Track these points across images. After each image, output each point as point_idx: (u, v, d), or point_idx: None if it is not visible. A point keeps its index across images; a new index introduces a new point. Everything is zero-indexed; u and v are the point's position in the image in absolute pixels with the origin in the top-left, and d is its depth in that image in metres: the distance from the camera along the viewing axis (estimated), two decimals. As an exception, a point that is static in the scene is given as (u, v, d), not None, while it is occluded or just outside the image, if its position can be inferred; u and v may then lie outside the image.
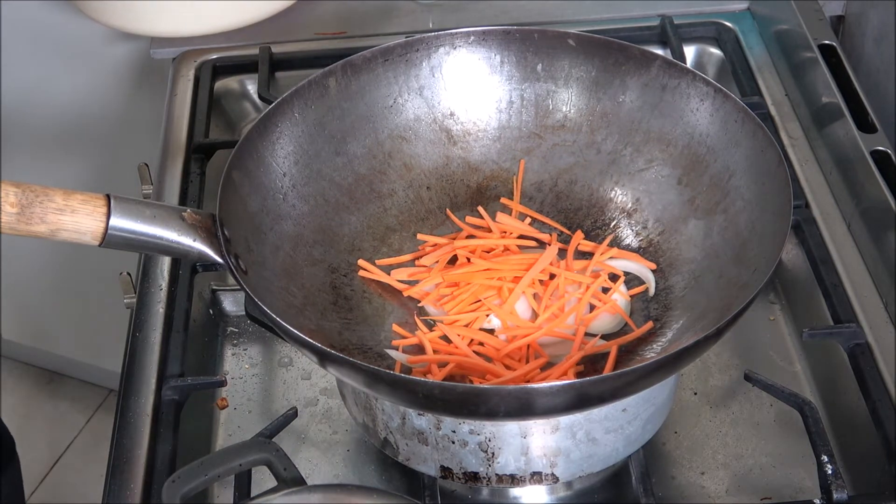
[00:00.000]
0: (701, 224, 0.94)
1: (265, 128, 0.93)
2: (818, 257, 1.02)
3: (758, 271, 0.84)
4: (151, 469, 0.90)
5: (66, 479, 2.14)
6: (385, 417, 0.86)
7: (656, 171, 0.98)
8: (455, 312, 0.91)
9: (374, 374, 0.76)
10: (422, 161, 1.01)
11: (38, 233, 0.78)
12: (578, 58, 1.00)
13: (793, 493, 0.90)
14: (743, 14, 1.32)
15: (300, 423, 0.95)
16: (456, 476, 0.86)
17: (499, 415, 0.77)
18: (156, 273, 1.05)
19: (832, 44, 1.20)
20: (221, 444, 0.96)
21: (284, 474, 0.78)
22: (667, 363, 0.76)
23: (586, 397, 0.77)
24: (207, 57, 1.29)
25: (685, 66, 0.97)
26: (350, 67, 0.98)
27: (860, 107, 1.13)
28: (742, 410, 0.96)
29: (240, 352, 1.03)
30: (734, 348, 1.00)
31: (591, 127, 1.00)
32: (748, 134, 0.91)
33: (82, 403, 2.25)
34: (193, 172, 1.15)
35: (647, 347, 0.89)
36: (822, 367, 0.98)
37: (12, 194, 0.77)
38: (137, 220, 0.80)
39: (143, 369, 0.97)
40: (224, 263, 0.83)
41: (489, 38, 1.01)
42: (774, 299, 1.05)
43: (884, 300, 0.99)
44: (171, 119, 1.23)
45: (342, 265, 0.95)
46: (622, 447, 0.87)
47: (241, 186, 0.90)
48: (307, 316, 0.89)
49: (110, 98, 1.70)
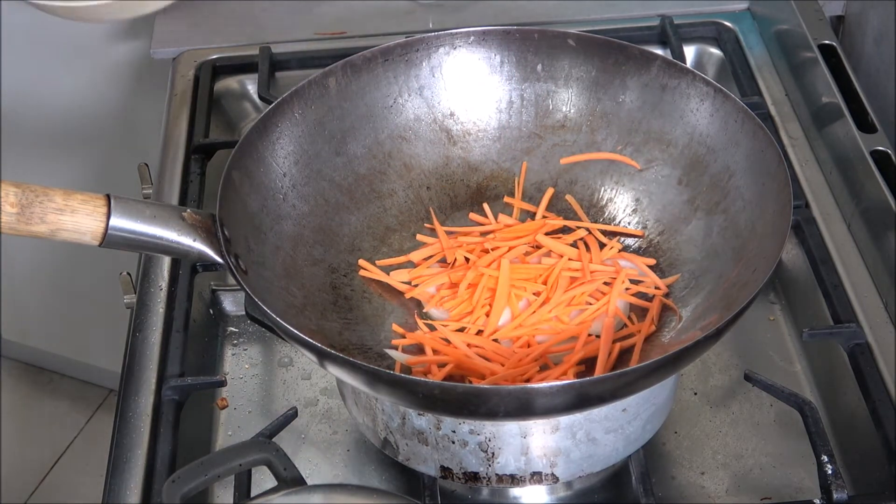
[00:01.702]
0: (701, 224, 0.94)
1: (265, 128, 0.93)
2: (818, 257, 1.02)
3: (758, 271, 0.84)
4: (151, 469, 0.90)
5: (66, 479, 2.15)
6: (385, 417, 0.86)
7: (656, 171, 0.98)
8: (457, 313, 0.91)
9: (374, 374, 0.76)
10: (422, 161, 1.01)
11: (38, 233, 0.78)
12: (578, 58, 1.00)
13: (793, 493, 0.90)
14: (743, 14, 1.32)
15: (300, 423, 0.95)
16: (456, 476, 0.86)
17: (499, 415, 0.77)
18: (156, 273, 1.05)
19: (832, 44, 1.20)
20: (221, 444, 0.96)
21: (284, 474, 0.78)
22: (667, 363, 0.76)
23: (586, 397, 0.77)
24: (207, 57, 1.29)
25: (685, 66, 0.97)
26: (350, 67, 0.98)
27: (860, 107, 1.13)
28: (742, 410, 0.96)
29: (240, 352, 1.03)
30: (734, 348, 1.00)
31: (591, 127, 1.00)
32: (748, 134, 0.91)
33: (82, 403, 2.25)
34: (193, 172, 1.15)
35: (648, 347, 0.89)
36: (822, 367, 0.98)
37: (12, 194, 0.77)
38: (137, 220, 0.80)
39: (143, 369, 0.97)
40: (224, 263, 0.83)
41: (489, 38, 1.01)
42: (774, 299, 1.05)
43: (884, 300, 0.99)
44: (171, 119, 1.23)
45: (342, 265, 0.95)
46: (622, 447, 0.87)
47: (241, 186, 0.90)
48: (307, 316, 0.89)
49: (110, 98, 1.70)
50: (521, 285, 0.91)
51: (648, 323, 0.89)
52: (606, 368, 0.86)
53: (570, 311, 0.90)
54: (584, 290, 0.91)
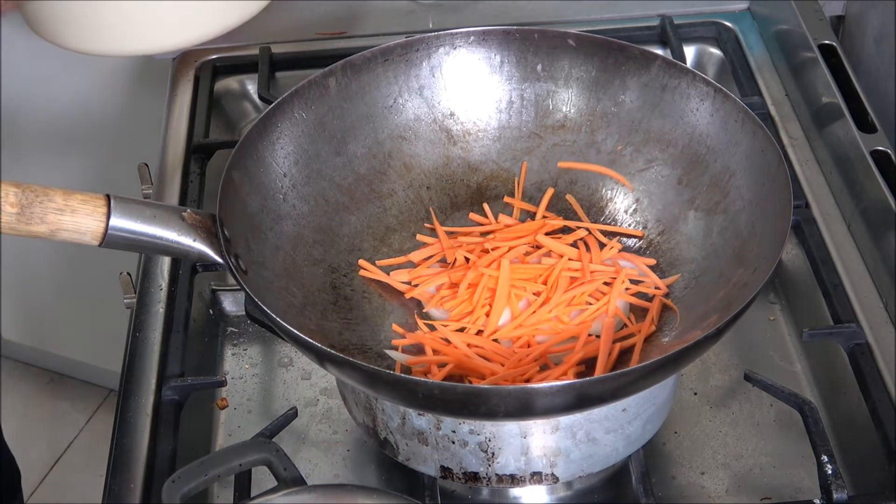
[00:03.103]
0: (701, 224, 0.94)
1: (265, 128, 0.93)
2: (818, 257, 1.02)
3: (758, 271, 0.84)
4: (151, 469, 0.90)
5: (66, 479, 2.14)
6: (385, 417, 0.86)
7: (656, 171, 0.98)
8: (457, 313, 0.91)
9: (374, 374, 0.76)
10: (422, 161, 1.01)
11: (38, 233, 0.78)
12: (578, 58, 1.00)
13: (793, 493, 0.90)
14: (743, 14, 1.32)
15: (300, 423, 0.95)
16: (456, 476, 0.86)
17: (499, 415, 0.77)
18: (156, 273, 1.05)
19: (832, 44, 1.20)
20: (221, 444, 0.96)
21: (284, 474, 0.78)
22: (667, 363, 0.76)
23: (586, 397, 0.77)
24: (207, 57, 1.29)
25: (685, 66, 0.97)
26: (350, 67, 0.98)
27: (860, 107, 1.13)
28: (742, 410, 0.96)
29: (240, 352, 1.03)
30: (734, 348, 1.00)
31: (591, 127, 1.00)
32: (748, 134, 0.91)
33: (82, 403, 2.25)
34: (193, 172, 1.15)
35: (648, 347, 0.89)
36: (822, 367, 0.98)
37: (12, 194, 0.77)
38: (137, 220, 0.80)
39: (143, 369, 0.97)
40: (224, 263, 0.83)
41: (489, 38, 1.01)
42: (774, 299, 1.05)
43: (884, 300, 0.99)
44: (171, 119, 1.23)
45: (342, 265, 0.95)
46: (622, 447, 0.87)
47: (241, 186, 0.90)
48: (307, 316, 0.89)
49: (110, 98, 1.70)
50: (521, 285, 0.91)
51: (648, 323, 0.89)
52: (606, 368, 0.86)
53: (570, 311, 0.90)
54: (584, 290, 0.91)
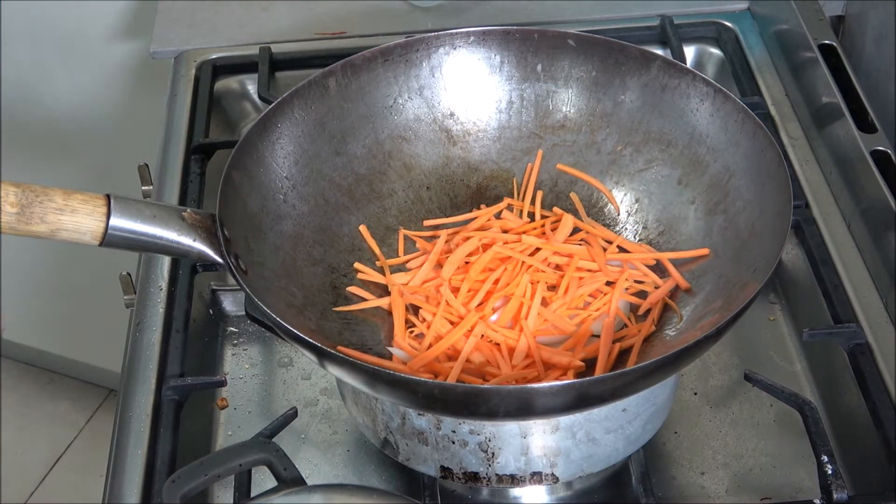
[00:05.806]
0: (701, 224, 0.94)
1: (265, 128, 0.93)
2: (818, 257, 1.02)
3: (758, 271, 0.84)
4: (151, 469, 0.90)
5: (66, 479, 2.15)
6: (385, 417, 0.86)
7: (656, 171, 0.98)
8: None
9: (374, 374, 0.76)
10: (422, 161, 1.01)
11: (38, 233, 0.78)
12: (578, 58, 1.00)
13: (793, 493, 0.90)
14: (743, 14, 1.32)
15: (300, 423, 0.95)
16: (456, 476, 0.86)
17: (499, 415, 0.77)
18: (156, 273, 1.05)
19: (832, 44, 1.20)
20: (221, 444, 0.96)
21: (284, 474, 0.78)
22: (667, 363, 0.76)
23: (586, 397, 0.77)
24: (207, 57, 1.29)
25: (685, 66, 0.97)
26: (350, 67, 0.98)
27: (860, 107, 1.13)
28: (742, 410, 0.96)
29: (240, 352, 1.03)
30: (734, 348, 1.00)
31: (591, 127, 1.00)
32: (748, 134, 0.91)
33: (82, 403, 2.26)
34: (193, 172, 1.15)
35: (648, 347, 0.89)
36: (822, 367, 0.98)
37: (12, 194, 0.77)
38: (137, 220, 0.80)
39: (143, 369, 0.97)
40: (224, 263, 0.83)
41: (489, 39, 1.01)
42: (774, 299, 1.05)
43: (884, 300, 0.99)
44: (171, 119, 1.23)
45: (342, 265, 0.95)
46: (622, 447, 0.87)
47: (241, 186, 0.90)
48: (307, 316, 0.89)
49: (110, 98, 1.70)
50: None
51: (648, 323, 0.89)
52: (606, 368, 0.86)
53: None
54: (584, 290, 0.91)
